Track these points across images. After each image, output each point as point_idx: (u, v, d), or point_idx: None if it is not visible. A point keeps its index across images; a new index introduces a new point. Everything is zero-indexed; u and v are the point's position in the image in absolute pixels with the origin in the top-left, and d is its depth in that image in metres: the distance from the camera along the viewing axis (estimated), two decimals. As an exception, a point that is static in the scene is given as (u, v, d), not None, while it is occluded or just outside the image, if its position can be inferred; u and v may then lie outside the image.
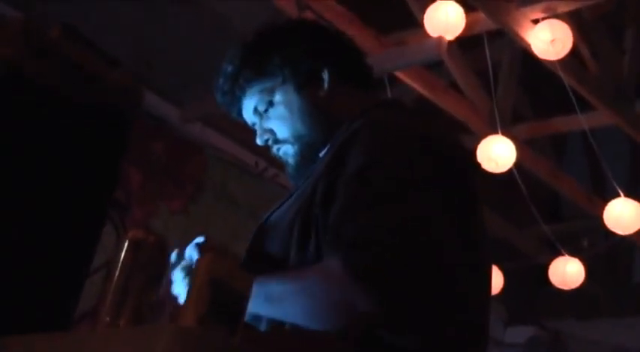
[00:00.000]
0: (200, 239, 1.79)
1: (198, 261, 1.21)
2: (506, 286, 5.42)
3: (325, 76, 1.96)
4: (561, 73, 4.42)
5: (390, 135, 1.76)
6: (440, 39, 4.27)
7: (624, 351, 6.47)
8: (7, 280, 1.40)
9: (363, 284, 1.54)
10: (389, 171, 1.68)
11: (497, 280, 5.34)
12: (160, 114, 5.04)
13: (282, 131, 1.97)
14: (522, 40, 4.30)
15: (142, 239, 1.34)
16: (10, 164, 1.39)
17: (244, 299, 1.21)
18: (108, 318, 1.28)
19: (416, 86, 4.72)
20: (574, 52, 4.43)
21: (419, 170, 1.70)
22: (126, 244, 1.33)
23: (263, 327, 1.71)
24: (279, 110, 1.97)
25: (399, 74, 4.66)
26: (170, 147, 5.27)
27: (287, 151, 1.98)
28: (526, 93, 5.76)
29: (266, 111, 1.98)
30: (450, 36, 4.26)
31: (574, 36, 4.25)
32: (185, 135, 5.27)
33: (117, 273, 1.31)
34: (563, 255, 5.22)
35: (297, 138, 1.96)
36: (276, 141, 1.98)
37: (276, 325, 1.68)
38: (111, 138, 1.50)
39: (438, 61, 4.56)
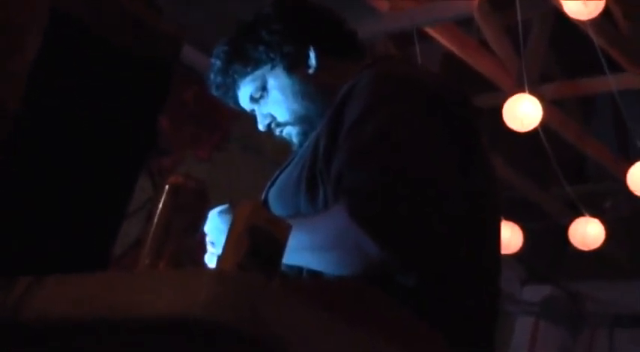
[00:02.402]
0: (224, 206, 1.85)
1: (237, 209, 1.23)
2: (526, 245, 5.44)
3: (311, 53, 2.01)
4: (592, 34, 4.39)
5: (385, 84, 1.80)
6: (472, -5, 4.26)
7: (641, 313, 6.49)
8: (45, 219, 1.43)
9: (367, 229, 1.58)
10: (386, 118, 1.72)
11: (517, 239, 5.35)
12: (191, 63, 5.04)
13: (282, 114, 2.03)
14: (554, -1, 4.28)
15: (182, 184, 1.36)
16: (59, 106, 1.42)
17: (282, 246, 1.23)
18: (148, 261, 1.31)
19: (445, 42, 4.71)
20: (606, 13, 4.39)
21: (421, 116, 1.74)
22: (166, 189, 1.36)
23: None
24: (273, 95, 2.02)
25: (429, 30, 4.64)
26: (199, 95, 5.28)
27: (290, 132, 2.04)
28: (555, 52, 5.72)
29: (262, 97, 2.04)
30: (482, -7, 4.25)
31: (606, -4, 4.22)
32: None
33: (157, 217, 1.34)
34: (584, 216, 5.23)
35: (297, 119, 2.01)
36: (278, 124, 2.05)
37: (312, 272, 1.72)
38: (153, 85, 1.51)
39: (469, 17, 4.54)
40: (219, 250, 1.73)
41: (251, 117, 2.13)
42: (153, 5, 1.54)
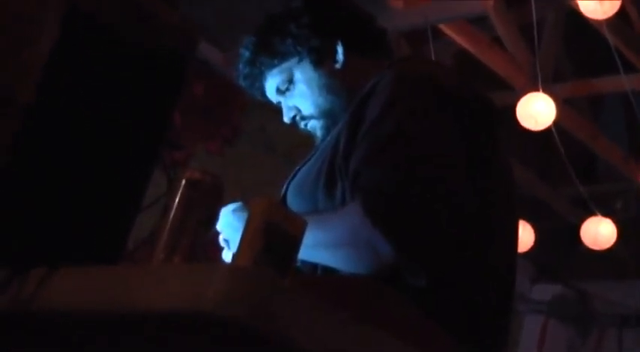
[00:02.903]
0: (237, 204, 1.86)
1: (252, 205, 1.23)
2: (537, 244, 5.43)
3: (339, 48, 2.02)
4: (607, 33, 4.38)
5: (407, 83, 1.81)
6: (486, -7, 4.25)
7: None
8: (59, 212, 1.43)
9: (381, 229, 1.59)
10: (404, 117, 1.73)
11: (528, 237, 5.35)
12: (202, 56, 5.04)
13: (307, 107, 2.03)
14: (570, -3, 4.27)
15: (199, 179, 1.36)
16: (71, 100, 1.42)
17: (297, 243, 1.23)
18: (163, 255, 1.31)
19: (459, 40, 4.71)
20: (621, 12, 4.38)
21: (436, 116, 1.75)
22: (183, 183, 1.36)
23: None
24: (300, 88, 2.03)
25: (443, 27, 4.64)
26: (210, 89, 5.28)
27: (314, 126, 2.04)
28: (569, 51, 5.71)
29: (288, 89, 2.05)
30: (497, -9, 4.24)
31: (622, -4, 4.21)
32: (225, 78, 5.28)
33: (172, 212, 1.34)
34: (596, 215, 5.22)
35: (322, 113, 2.02)
36: (303, 117, 2.05)
37: (326, 269, 1.72)
38: (167, 79, 1.51)
39: (483, 15, 4.53)
40: (233, 248, 1.74)
41: (262, 112, 2.14)
42: (169, 0, 1.54)
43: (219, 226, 1.84)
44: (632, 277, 6.58)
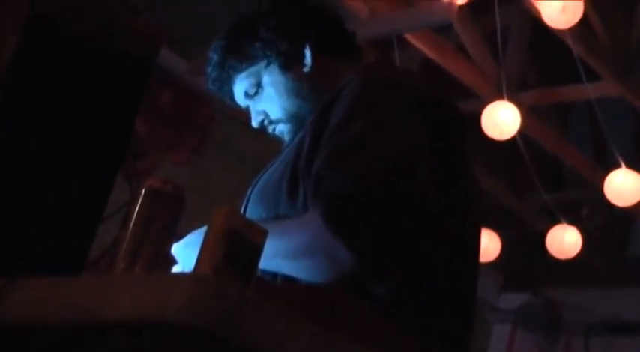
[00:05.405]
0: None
1: (214, 213, 1.22)
2: (503, 252, 5.45)
3: (307, 51, 2.01)
4: (570, 42, 4.41)
5: (375, 87, 1.80)
6: (451, 2, 4.26)
7: (617, 321, 6.51)
8: (20, 222, 1.42)
9: (340, 236, 1.58)
10: (368, 122, 1.71)
11: (494, 246, 5.37)
12: (168, 65, 5.02)
13: (275, 111, 2.02)
14: (533, 6, 4.29)
15: (159, 187, 1.36)
16: (31, 107, 1.41)
17: (258, 250, 1.23)
18: (123, 264, 1.30)
19: (424, 49, 4.71)
20: (584, 21, 4.41)
21: (402, 120, 1.74)
22: (143, 192, 1.35)
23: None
24: (268, 92, 2.02)
25: (408, 36, 4.65)
26: (176, 98, 5.26)
27: (282, 130, 2.03)
28: (534, 60, 5.74)
29: (256, 93, 2.04)
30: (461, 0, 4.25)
31: (584, 5, 4.24)
32: (192, 88, 5.26)
33: (133, 221, 1.33)
34: (561, 223, 5.24)
35: (290, 117, 2.01)
36: (271, 121, 2.04)
37: (286, 278, 1.71)
38: (129, 86, 1.51)
39: (448, 24, 4.55)
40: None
41: (229, 122, 2.14)
42: (130, 6, 1.54)
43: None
44: (599, 285, 6.62)
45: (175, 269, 1.74)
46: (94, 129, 1.46)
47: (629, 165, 4.78)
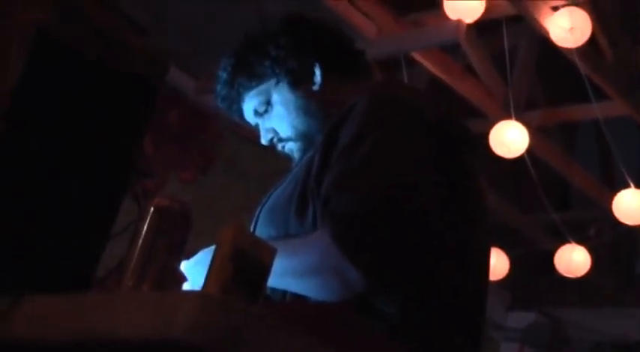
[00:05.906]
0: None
1: (221, 232, 1.22)
2: (511, 271, 5.44)
3: (317, 70, 2.01)
4: (578, 61, 4.41)
5: (382, 106, 1.80)
6: (458, 22, 4.27)
7: (624, 341, 6.49)
8: (29, 240, 1.42)
9: (349, 255, 1.58)
10: (377, 142, 1.71)
11: (502, 265, 5.36)
12: (175, 84, 5.03)
13: (284, 129, 2.03)
14: (541, 26, 4.29)
15: (167, 206, 1.36)
16: (39, 127, 1.41)
17: (266, 269, 1.23)
18: (131, 283, 1.31)
19: (432, 68, 4.72)
20: (592, 41, 4.41)
21: (411, 140, 1.74)
22: (151, 211, 1.35)
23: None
24: (277, 110, 2.02)
25: (416, 55, 4.66)
26: (183, 117, 5.27)
27: (291, 148, 2.04)
28: (541, 79, 5.74)
29: (265, 111, 2.05)
30: (469, 19, 4.25)
31: (592, 24, 4.24)
32: (199, 106, 5.27)
33: (141, 239, 1.33)
34: (569, 242, 5.23)
35: (299, 135, 2.01)
36: (280, 139, 2.05)
37: (295, 296, 1.71)
38: (137, 106, 1.51)
39: (456, 43, 4.56)
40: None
41: (236, 140, 2.14)
42: (138, 26, 1.54)
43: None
44: (605, 304, 6.60)
45: (185, 287, 1.75)
46: (103, 149, 1.47)
47: (638, 185, 4.77)
